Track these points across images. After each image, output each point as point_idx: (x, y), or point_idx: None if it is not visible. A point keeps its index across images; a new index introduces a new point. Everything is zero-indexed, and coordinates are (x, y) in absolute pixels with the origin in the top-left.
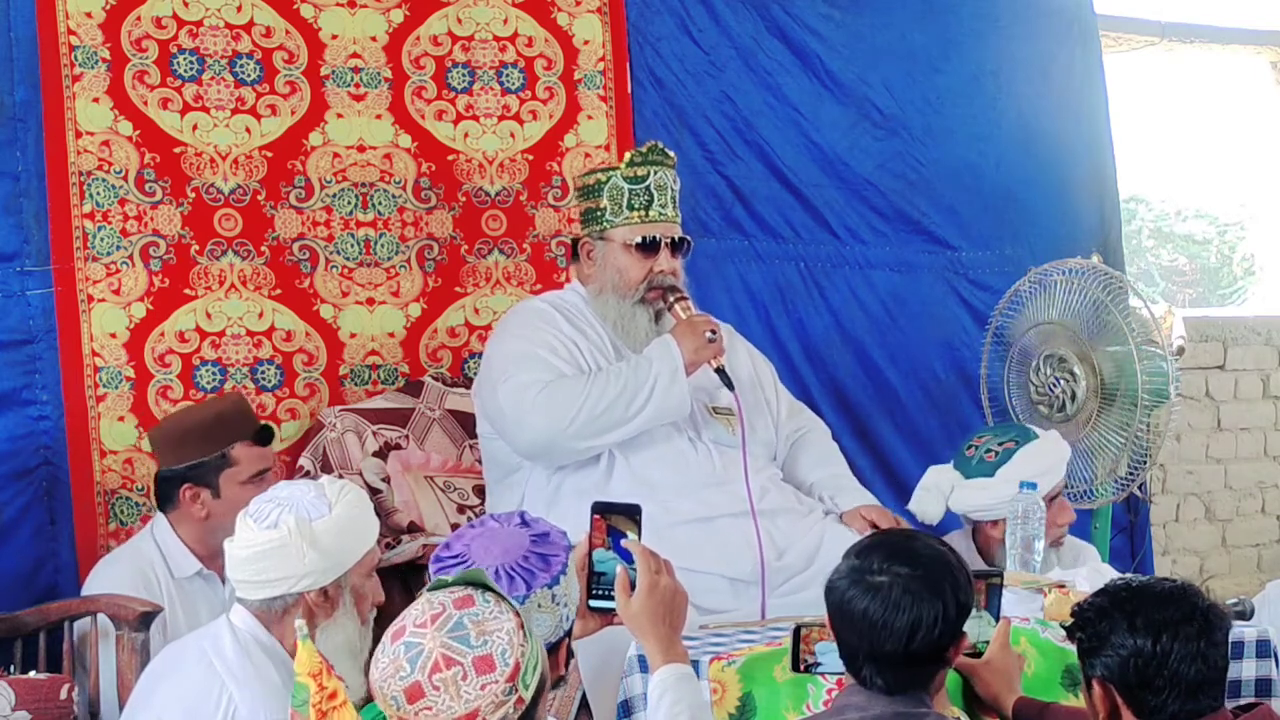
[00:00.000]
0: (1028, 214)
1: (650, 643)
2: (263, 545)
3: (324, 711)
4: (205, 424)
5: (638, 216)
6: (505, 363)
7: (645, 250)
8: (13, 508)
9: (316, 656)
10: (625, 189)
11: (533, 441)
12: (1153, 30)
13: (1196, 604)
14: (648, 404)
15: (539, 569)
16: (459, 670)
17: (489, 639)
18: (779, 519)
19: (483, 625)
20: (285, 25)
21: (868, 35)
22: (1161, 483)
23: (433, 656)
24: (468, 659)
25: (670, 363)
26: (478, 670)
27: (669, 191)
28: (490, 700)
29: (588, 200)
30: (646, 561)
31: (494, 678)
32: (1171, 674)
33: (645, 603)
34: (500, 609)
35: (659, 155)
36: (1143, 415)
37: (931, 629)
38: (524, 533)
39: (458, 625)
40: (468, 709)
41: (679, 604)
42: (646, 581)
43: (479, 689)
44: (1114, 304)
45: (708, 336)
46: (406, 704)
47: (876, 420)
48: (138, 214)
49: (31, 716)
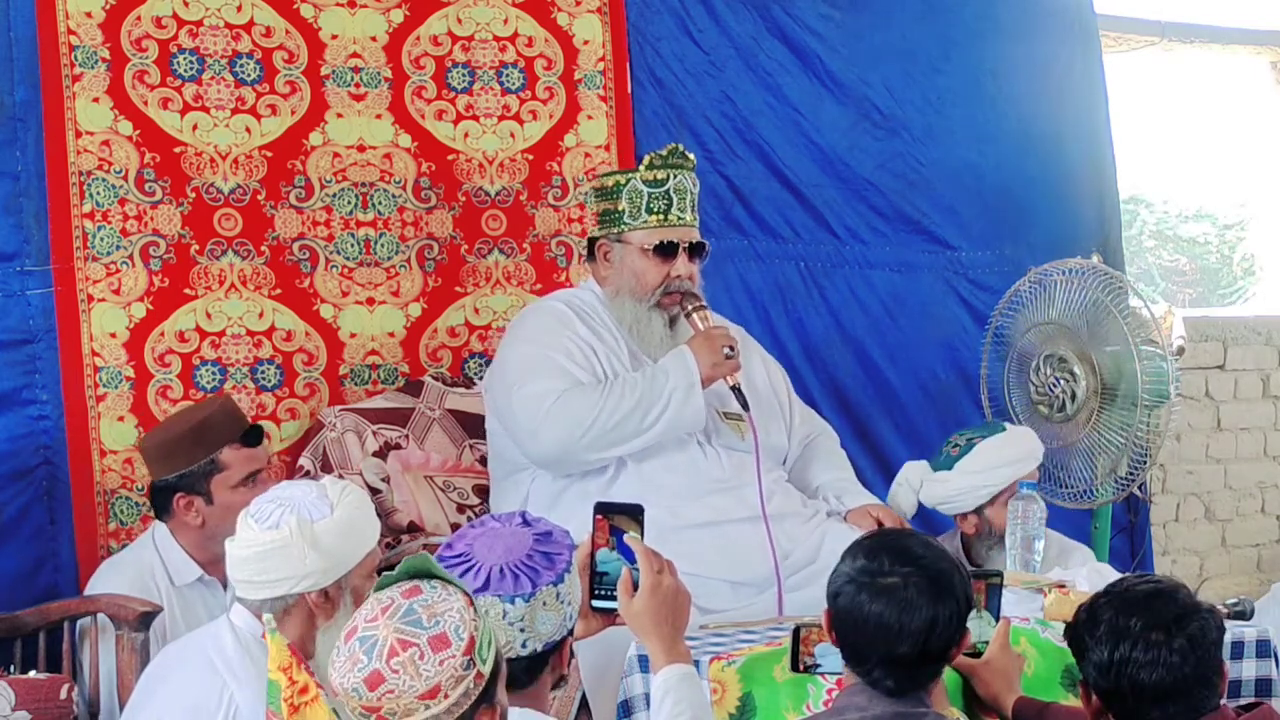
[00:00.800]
0: (1028, 214)
1: (653, 643)
2: (264, 546)
3: (296, 706)
4: (191, 431)
5: (656, 220)
6: (520, 368)
7: (663, 254)
8: (13, 508)
9: (286, 650)
10: (645, 192)
11: (546, 451)
12: (1153, 30)
13: (1166, 610)
14: (662, 418)
15: (543, 567)
16: (415, 651)
17: (440, 619)
18: (786, 522)
19: (432, 608)
20: (285, 25)
21: (868, 35)
22: (1161, 483)
23: (388, 643)
24: (422, 639)
25: (686, 377)
26: (433, 648)
27: (688, 195)
28: (450, 675)
29: (606, 201)
30: (649, 561)
31: (450, 653)
32: (1132, 682)
33: (648, 602)
34: (447, 591)
35: (679, 158)
36: (1143, 415)
37: (947, 627)
38: (527, 532)
39: (408, 612)
40: (429, 685)
41: (682, 604)
42: (649, 581)
43: (438, 665)
44: (1114, 304)
45: (725, 353)
46: (368, 692)
47: (876, 420)
48: (138, 214)
49: (31, 716)
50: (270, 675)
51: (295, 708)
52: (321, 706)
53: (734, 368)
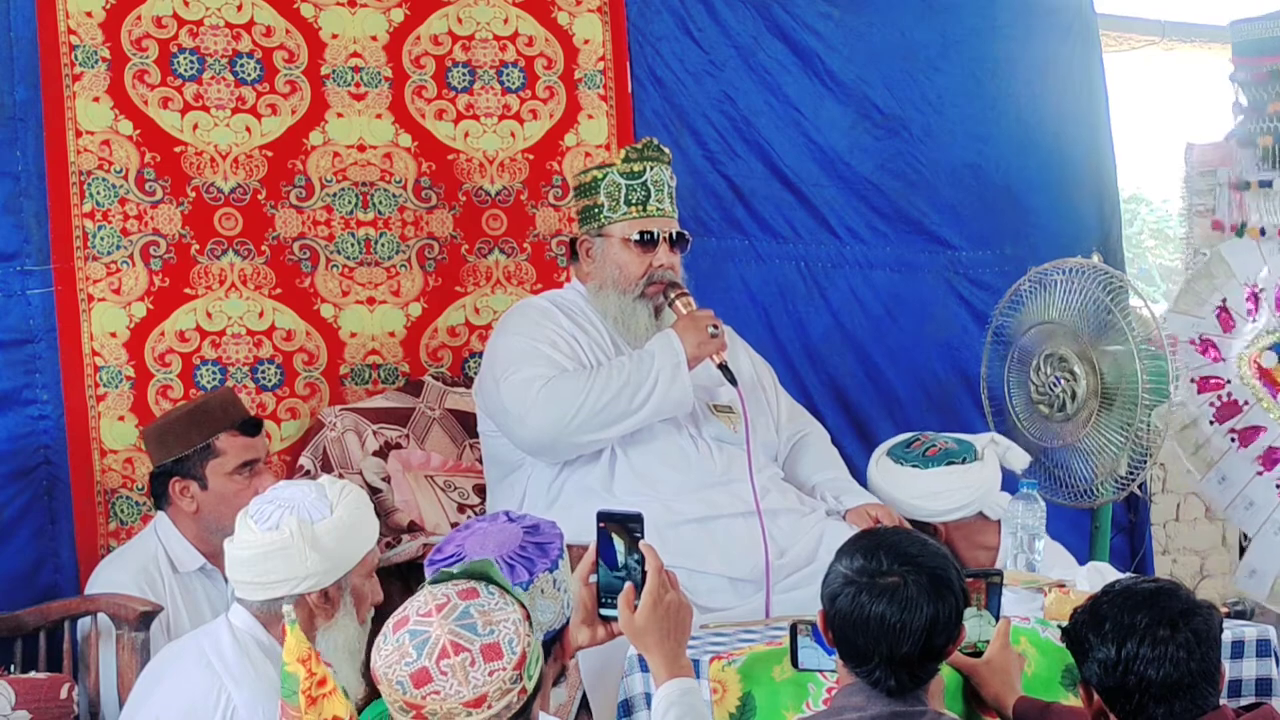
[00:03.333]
0: (1028, 214)
1: (655, 656)
2: (264, 547)
3: (314, 698)
4: (188, 415)
5: (635, 212)
6: (507, 359)
7: (644, 245)
8: (13, 508)
9: (305, 643)
10: (622, 185)
11: (536, 437)
12: (1153, 30)
13: (1170, 606)
14: (650, 398)
15: (537, 556)
16: (467, 656)
17: (495, 628)
18: (780, 519)
19: (489, 615)
20: (285, 25)
21: (867, 34)
22: (1162, 482)
23: (440, 643)
24: (475, 646)
25: (672, 357)
26: (485, 657)
27: (666, 187)
28: (497, 687)
29: (585, 198)
30: (655, 576)
31: (502, 665)
32: (1139, 678)
33: (650, 616)
34: (505, 601)
35: (655, 151)
36: (1143, 415)
37: (947, 624)
38: (514, 526)
39: (464, 614)
40: (475, 694)
41: (684, 618)
42: (651, 597)
43: (487, 675)
44: (1114, 304)
45: (710, 332)
46: (413, 688)
47: (876, 420)
48: (138, 213)
49: (31, 716)
50: (288, 667)
51: (313, 700)
52: (339, 699)
53: (719, 346)
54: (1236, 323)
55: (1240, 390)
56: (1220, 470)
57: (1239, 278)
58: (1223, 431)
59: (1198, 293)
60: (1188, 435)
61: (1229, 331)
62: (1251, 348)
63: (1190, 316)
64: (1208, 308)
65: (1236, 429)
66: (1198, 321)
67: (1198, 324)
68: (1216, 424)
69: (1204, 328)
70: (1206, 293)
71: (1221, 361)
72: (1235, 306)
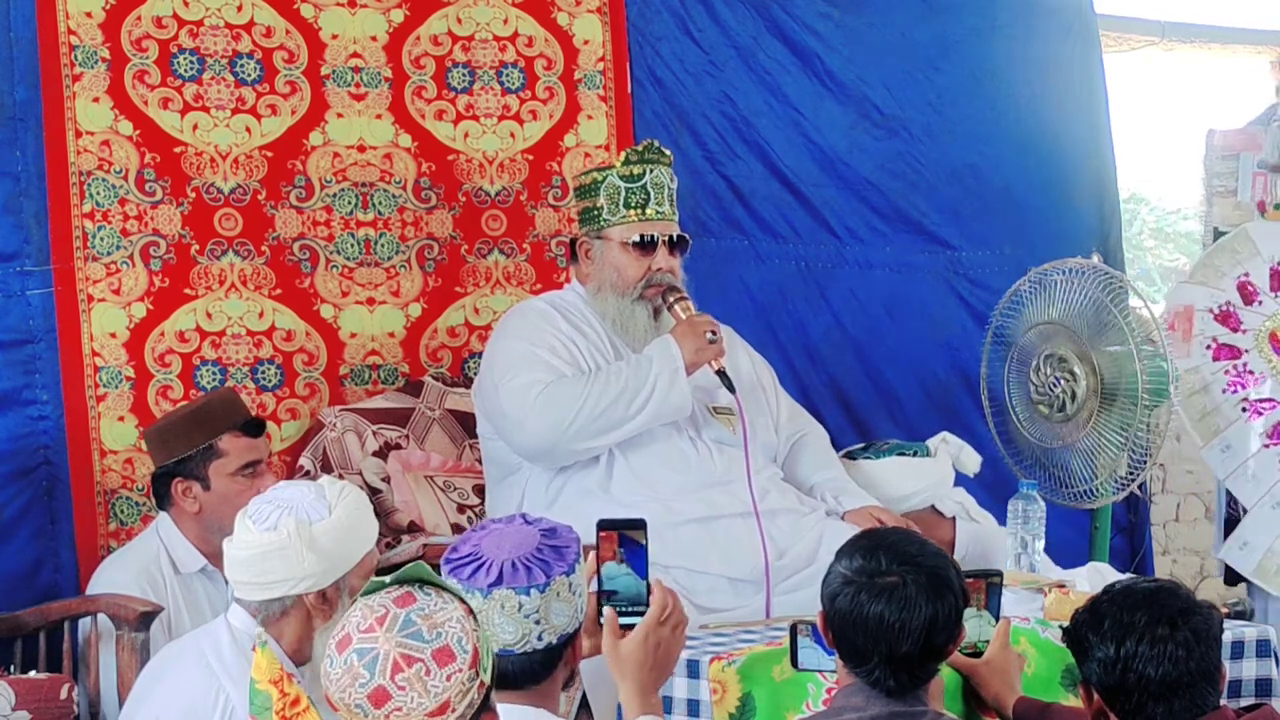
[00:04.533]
0: (1028, 214)
1: (628, 687)
2: (262, 547)
3: (288, 718)
4: (190, 415)
5: (635, 215)
6: (506, 364)
7: (643, 248)
8: (13, 508)
9: (277, 663)
10: (622, 187)
11: (534, 442)
12: (1153, 30)
13: (1169, 605)
14: (648, 404)
15: (554, 559)
16: (421, 666)
17: (441, 630)
18: (780, 519)
19: (432, 619)
20: (285, 25)
21: (867, 35)
22: (1161, 482)
23: (390, 658)
24: (427, 653)
25: (670, 363)
26: (439, 663)
27: (666, 190)
28: (458, 689)
29: (585, 200)
30: (657, 610)
31: (457, 666)
32: (1139, 676)
33: (638, 647)
34: (443, 599)
35: (655, 153)
36: (1143, 415)
37: (946, 624)
38: (531, 529)
39: (407, 623)
40: (438, 701)
41: (671, 655)
42: (645, 629)
43: (445, 680)
44: (1114, 304)
45: (708, 337)
46: (374, 709)
47: (876, 420)
48: (138, 214)
49: (31, 716)
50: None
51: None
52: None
53: (718, 352)
54: (1261, 297)
55: (1257, 362)
56: (1226, 439)
57: (1263, 255)
58: (1234, 402)
59: (1217, 266)
60: (1195, 401)
61: (1250, 305)
62: (1271, 321)
63: (1208, 288)
64: (1228, 280)
65: (1250, 400)
66: (1215, 293)
67: (1215, 295)
68: (1229, 392)
69: (1223, 298)
70: (1228, 266)
71: (1242, 332)
72: (1259, 281)
